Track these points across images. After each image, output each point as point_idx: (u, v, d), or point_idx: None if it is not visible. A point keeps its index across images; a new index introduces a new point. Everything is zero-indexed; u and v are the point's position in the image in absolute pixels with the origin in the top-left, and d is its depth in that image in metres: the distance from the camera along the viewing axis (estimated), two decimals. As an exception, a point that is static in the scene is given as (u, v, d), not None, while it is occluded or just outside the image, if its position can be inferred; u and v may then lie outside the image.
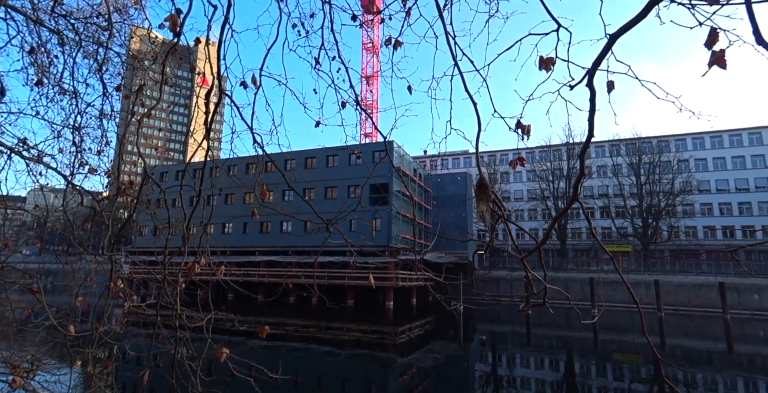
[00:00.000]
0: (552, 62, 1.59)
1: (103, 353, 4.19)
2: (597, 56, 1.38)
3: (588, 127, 1.46)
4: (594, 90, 1.40)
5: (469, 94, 1.72)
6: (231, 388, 2.97)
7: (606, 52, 1.36)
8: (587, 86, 1.41)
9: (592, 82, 1.40)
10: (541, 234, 59.18)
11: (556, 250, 53.87)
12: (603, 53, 1.37)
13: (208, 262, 2.84)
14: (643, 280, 37.65)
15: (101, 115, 4.89)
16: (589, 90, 1.40)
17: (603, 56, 1.37)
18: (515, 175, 63.24)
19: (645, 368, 16.29)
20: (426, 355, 18.43)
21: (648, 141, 53.54)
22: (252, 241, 42.07)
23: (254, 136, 2.30)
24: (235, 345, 17.26)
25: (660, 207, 47.78)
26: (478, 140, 1.69)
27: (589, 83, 1.40)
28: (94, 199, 4.35)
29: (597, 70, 1.39)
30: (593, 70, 1.39)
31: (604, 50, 1.36)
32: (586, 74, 1.40)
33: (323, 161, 41.71)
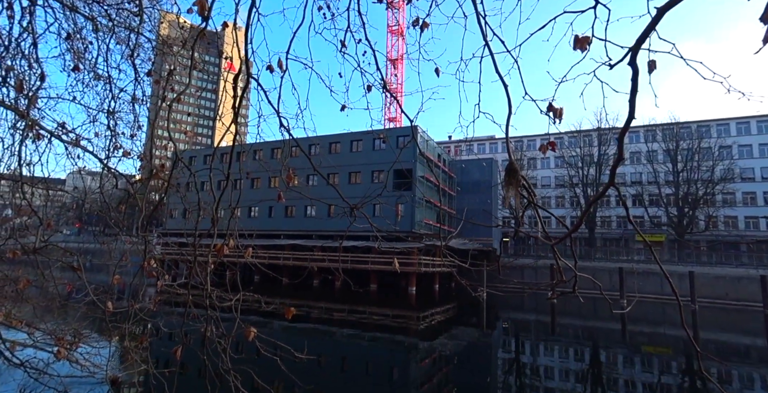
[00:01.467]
0: (588, 41, 1.49)
1: (138, 329, 4.42)
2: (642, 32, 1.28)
3: (629, 109, 1.38)
4: (637, 69, 1.31)
5: (500, 76, 1.64)
6: (258, 366, 3.08)
7: (653, 26, 1.26)
8: (629, 65, 1.32)
9: (635, 60, 1.31)
10: (569, 222, 57.87)
11: (584, 239, 52.55)
12: (649, 28, 1.27)
13: (237, 245, 2.91)
14: (676, 272, 36.33)
15: (133, 100, 5.03)
16: (632, 69, 1.31)
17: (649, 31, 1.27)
18: (543, 162, 61.56)
19: (676, 361, 15.88)
20: (448, 341, 18.58)
21: (687, 126, 50.81)
22: (277, 224, 43.01)
23: (281, 119, 2.31)
24: (261, 326, 17.82)
25: (698, 195, 45.51)
26: (508, 124, 1.62)
27: (632, 61, 1.31)
28: (128, 182, 4.52)
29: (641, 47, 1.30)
30: (637, 46, 1.30)
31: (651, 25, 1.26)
32: (629, 51, 1.30)
33: (347, 146, 41.80)
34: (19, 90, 4.39)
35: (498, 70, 1.63)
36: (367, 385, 11.49)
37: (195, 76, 3.47)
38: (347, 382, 11.56)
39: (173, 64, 5.08)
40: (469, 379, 12.61)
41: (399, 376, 13.15)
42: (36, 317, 4.49)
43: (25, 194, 4.43)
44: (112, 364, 4.60)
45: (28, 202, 4.41)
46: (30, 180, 4.64)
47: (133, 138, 5.10)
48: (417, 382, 12.32)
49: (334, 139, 42.35)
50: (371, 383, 11.85)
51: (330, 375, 12.40)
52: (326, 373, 12.68)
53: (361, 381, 11.80)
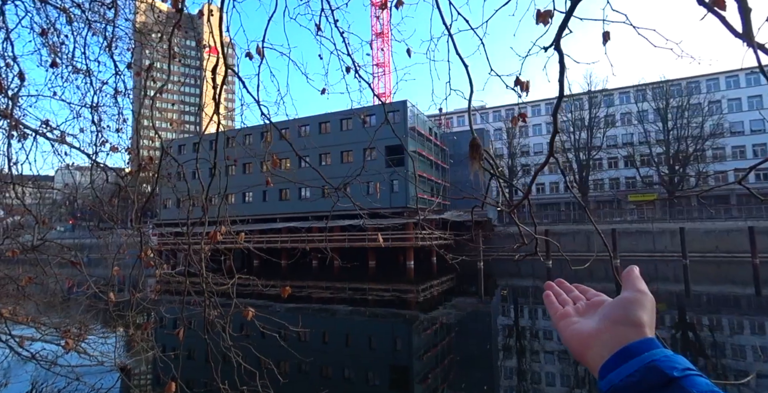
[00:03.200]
0: (550, 15, 1.53)
1: (141, 318, 4.57)
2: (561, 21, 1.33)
3: (558, 88, 1.44)
4: (562, 52, 1.37)
5: (459, 56, 1.69)
6: (260, 345, 3.23)
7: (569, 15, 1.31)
8: (555, 50, 1.37)
9: (559, 45, 1.36)
10: (562, 187, 58.42)
11: (576, 204, 53.32)
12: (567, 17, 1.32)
13: (229, 230, 3.00)
14: (668, 229, 37.23)
15: (116, 93, 4.97)
16: (558, 53, 1.37)
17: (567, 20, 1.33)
18: (534, 128, 61.45)
19: (669, 315, 16.54)
20: (449, 311, 19.14)
21: (677, 83, 50.52)
22: (272, 208, 43.10)
23: (261, 107, 2.34)
24: (262, 309, 17.92)
25: (688, 152, 45.91)
26: (470, 102, 1.67)
27: (556, 46, 1.36)
28: (118, 176, 4.54)
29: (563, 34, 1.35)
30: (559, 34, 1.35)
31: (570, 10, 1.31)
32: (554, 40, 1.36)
33: (337, 125, 41.41)
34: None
35: (458, 51, 1.68)
36: (372, 358, 11.94)
37: (177, 63, 3.45)
38: (351, 357, 11.99)
39: (152, 54, 4.99)
40: (471, 346, 13.11)
41: (402, 348, 13.64)
42: (40, 313, 4.61)
43: (17, 193, 4.45)
44: (120, 353, 4.77)
45: (20, 201, 4.44)
46: (19, 179, 4.65)
47: (120, 131, 5.08)
48: (420, 351, 12.80)
49: (323, 119, 41.88)
50: (375, 356, 12.30)
51: (334, 351, 12.84)
52: (330, 349, 13.11)
53: (365, 354, 12.25)
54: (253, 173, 43.26)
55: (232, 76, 3.03)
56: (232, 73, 2.84)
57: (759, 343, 12.68)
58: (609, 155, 53.87)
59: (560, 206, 56.97)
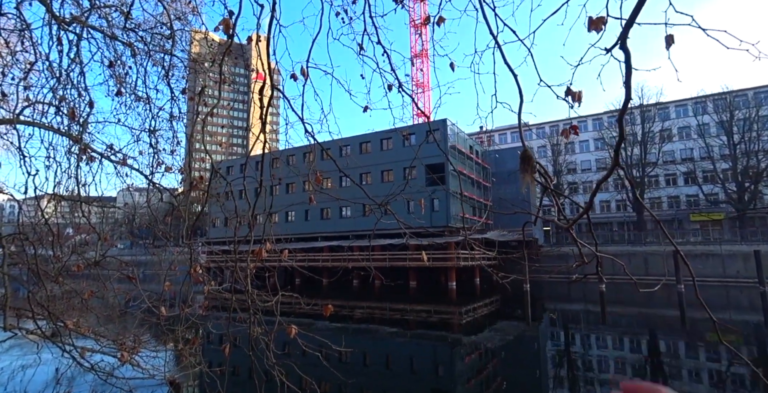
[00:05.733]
0: (603, 21, 1.45)
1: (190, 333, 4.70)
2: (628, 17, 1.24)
3: (625, 91, 1.33)
4: (628, 52, 1.27)
5: (509, 66, 1.63)
6: (302, 363, 3.20)
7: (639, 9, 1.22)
8: (621, 49, 1.28)
9: (625, 43, 1.26)
10: (614, 206, 55.29)
11: (632, 223, 50.05)
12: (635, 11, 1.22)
13: (273, 248, 3.04)
14: (740, 251, 33.87)
15: (171, 118, 5.35)
16: (624, 52, 1.27)
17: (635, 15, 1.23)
18: (581, 145, 59.10)
19: (746, 348, 14.82)
20: (493, 335, 18.31)
21: (742, 94, 46.97)
22: (314, 227, 43.96)
23: (305, 125, 2.39)
24: (304, 327, 18.15)
25: (760, 168, 41.96)
26: (521, 112, 1.60)
27: (622, 45, 1.27)
28: (171, 195, 4.80)
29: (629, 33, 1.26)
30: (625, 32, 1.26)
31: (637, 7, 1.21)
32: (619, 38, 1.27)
33: (377, 145, 42.06)
34: (71, 117, 4.77)
35: (506, 60, 1.62)
36: (413, 382, 11.55)
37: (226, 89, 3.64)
38: (393, 379, 11.67)
39: (205, 80, 5.34)
40: (518, 372, 12.38)
41: (445, 372, 13.12)
42: (100, 325, 4.88)
43: (84, 213, 4.81)
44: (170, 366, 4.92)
45: (86, 219, 4.80)
46: (86, 199, 5.05)
47: (173, 153, 5.42)
48: (464, 377, 12.25)
49: (364, 139, 42.71)
50: (417, 379, 11.90)
51: (375, 372, 12.57)
52: (371, 370, 12.86)
53: (406, 377, 11.89)
54: (296, 192, 44.56)
55: (278, 100, 3.15)
56: (278, 94, 2.95)
57: None
58: (666, 172, 50.53)
59: (612, 226, 53.71)
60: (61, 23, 4.39)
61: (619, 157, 1.52)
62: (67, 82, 4.93)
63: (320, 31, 2.39)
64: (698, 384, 11.30)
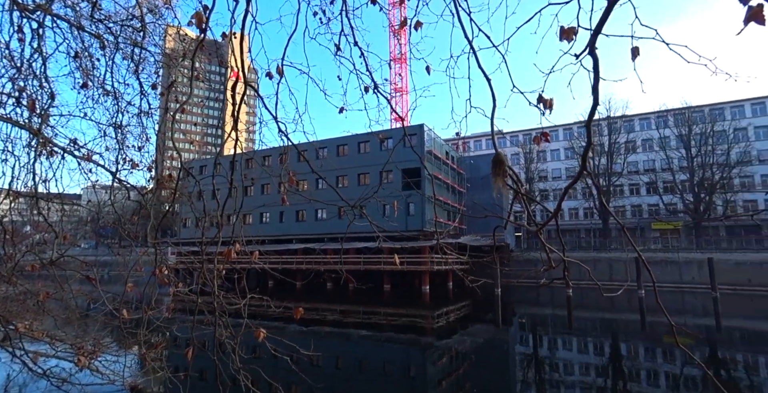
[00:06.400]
0: (574, 32, 1.50)
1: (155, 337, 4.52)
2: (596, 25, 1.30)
3: (593, 97, 1.39)
4: (597, 58, 1.32)
5: (482, 71, 1.66)
6: (272, 368, 3.13)
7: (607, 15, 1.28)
8: (590, 54, 1.33)
9: (593, 50, 1.32)
10: (581, 213, 57.20)
11: (598, 230, 51.93)
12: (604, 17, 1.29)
13: (244, 250, 2.97)
14: (695, 259, 35.67)
15: (140, 113, 5.16)
16: (592, 59, 1.33)
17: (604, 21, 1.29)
18: (553, 154, 61.01)
19: (699, 351, 15.57)
20: (464, 339, 18.52)
21: (699, 110, 49.84)
22: (289, 229, 43.38)
23: (278, 124, 2.36)
24: (275, 330, 17.84)
25: (714, 180, 44.59)
26: (493, 117, 1.64)
27: (591, 51, 1.33)
28: (139, 193, 4.62)
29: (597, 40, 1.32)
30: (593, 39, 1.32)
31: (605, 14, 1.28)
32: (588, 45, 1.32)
33: (355, 148, 42.00)
34: (31, 109, 4.53)
35: (480, 65, 1.66)
36: (385, 385, 11.52)
37: (201, 86, 3.57)
38: (365, 383, 11.61)
39: (176, 75, 5.19)
40: (488, 376, 12.55)
41: (417, 375, 13.15)
42: (57, 328, 4.63)
43: (42, 210, 4.56)
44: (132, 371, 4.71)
45: (44, 217, 4.55)
46: (46, 196, 4.79)
47: (141, 150, 5.23)
48: (435, 380, 12.31)
49: (341, 142, 42.56)
50: (389, 382, 11.88)
51: (347, 376, 12.47)
52: (343, 374, 12.74)
53: (378, 381, 11.84)
54: (271, 194, 43.86)
55: (254, 99, 3.10)
56: (253, 93, 2.90)
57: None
58: (630, 182, 52.81)
59: (580, 233, 55.58)
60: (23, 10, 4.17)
61: (587, 162, 1.57)
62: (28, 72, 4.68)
63: (296, 29, 2.37)
64: (655, 386, 11.78)
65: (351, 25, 2.44)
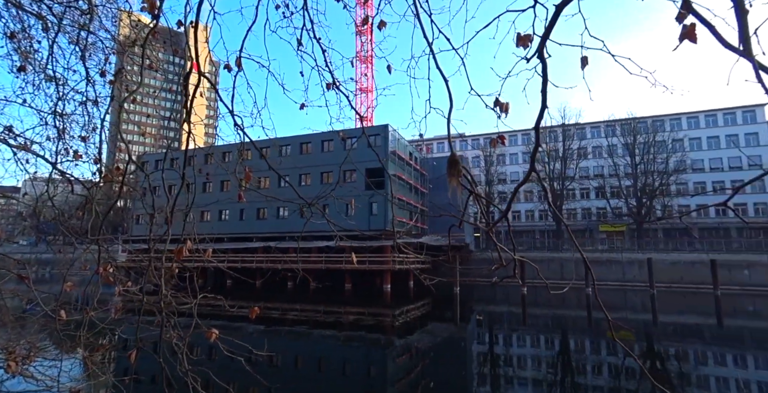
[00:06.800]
0: (530, 39, 1.57)
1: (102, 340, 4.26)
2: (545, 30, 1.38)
3: (541, 99, 1.47)
4: (545, 62, 1.40)
5: (440, 72, 1.70)
6: (228, 371, 3.04)
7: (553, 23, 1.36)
8: (538, 58, 1.41)
9: (542, 55, 1.40)
10: (537, 215, 59.67)
11: (551, 231, 54.43)
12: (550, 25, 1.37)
13: (197, 248, 2.86)
14: (636, 259, 38.22)
15: (86, 101, 4.82)
16: (541, 62, 1.40)
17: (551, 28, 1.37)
18: (511, 157, 63.26)
19: (637, 344, 16.70)
20: (423, 337, 18.81)
21: (643, 121, 53.58)
22: (249, 227, 42.21)
23: (234, 118, 2.28)
24: (233, 330, 17.53)
25: (654, 186, 48.17)
26: (450, 117, 1.68)
27: (540, 56, 1.40)
28: (84, 187, 4.33)
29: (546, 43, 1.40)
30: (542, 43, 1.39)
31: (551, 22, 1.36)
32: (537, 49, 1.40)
33: (318, 146, 41.51)
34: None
35: (438, 66, 1.70)
36: (345, 384, 11.49)
37: (158, 76, 3.40)
38: (324, 382, 11.52)
39: (125, 62, 4.91)
40: (446, 372, 12.83)
41: (376, 374, 13.21)
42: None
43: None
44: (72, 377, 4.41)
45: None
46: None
47: (86, 141, 4.89)
48: (394, 378, 12.42)
49: (305, 140, 41.92)
50: (349, 381, 11.86)
51: (306, 375, 12.32)
52: (302, 373, 12.58)
53: (338, 380, 11.79)
54: (231, 191, 42.50)
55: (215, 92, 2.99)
56: (210, 87, 2.80)
57: (722, 374, 12.90)
58: (581, 186, 55.79)
59: (535, 234, 58.06)
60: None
61: (535, 164, 1.65)
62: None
63: (256, 20, 2.31)
64: (599, 377, 12.54)
65: (311, 20, 2.41)
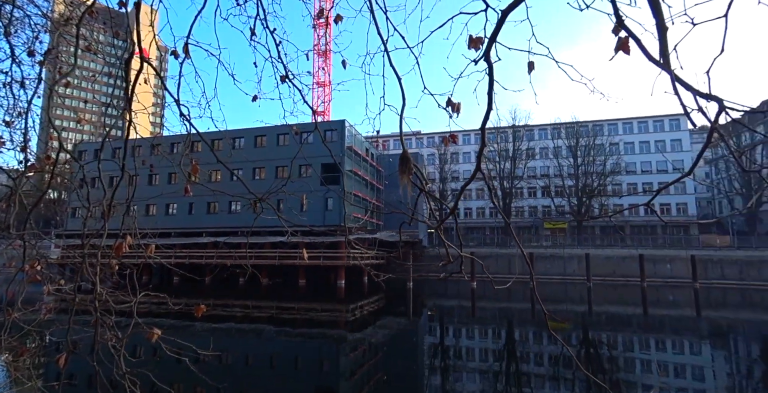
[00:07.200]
0: (481, 42, 1.63)
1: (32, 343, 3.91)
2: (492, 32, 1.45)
3: (487, 101, 1.54)
4: (491, 64, 1.47)
5: (393, 69, 1.73)
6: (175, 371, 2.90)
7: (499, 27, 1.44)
8: (485, 61, 1.48)
9: (489, 57, 1.47)
10: (488, 212, 61.98)
11: (500, 228, 56.82)
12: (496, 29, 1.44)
13: (138, 243, 2.70)
14: (576, 254, 40.89)
15: (11, 82, 4.37)
16: (487, 64, 1.47)
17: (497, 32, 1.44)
18: (465, 156, 65.14)
19: (575, 333, 17.91)
20: (377, 331, 18.99)
21: (585, 125, 57.27)
22: (199, 222, 40.32)
23: (180, 107, 2.17)
24: (180, 329, 16.76)
25: (593, 186, 51.89)
26: (403, 115, 1.71)
27: (486, 58, 1.47)
28: (9, 177, 3.93)
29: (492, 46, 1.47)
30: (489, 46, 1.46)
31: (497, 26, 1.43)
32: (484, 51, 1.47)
33: (274, 140, 40.36)
34: None
35: (392, 63, 1.72)
36: (297, 380, 11.36)
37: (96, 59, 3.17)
38: (276, 379, 11.32)
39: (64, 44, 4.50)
40: (398, 365, 13.05)
41: (329, 369, 13.18)
42: None
43: None
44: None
45: None
46: None
47: (11, 126, 4.43)
48: (347, 373, 12.46)
49: (260, 133, 40.57)
50: (301, 378, 11.74)
51: (257, 373, 12.06)
52: (253, 371, 12.30)
53: (290, 376, 11.63)
54: (179, 184, 40.20)
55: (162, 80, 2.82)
56: (153, 72, 2.64)
57: (646, 358, 14.22)
58: (529, 185, 58.70)
59: (485, 230, 60.36)
60: None
61: (482, 162, 1.72)
62: None
63: (205, 5, 2.20)
64: (540, 365, 13.34)
65: (263, 9, 2.33)
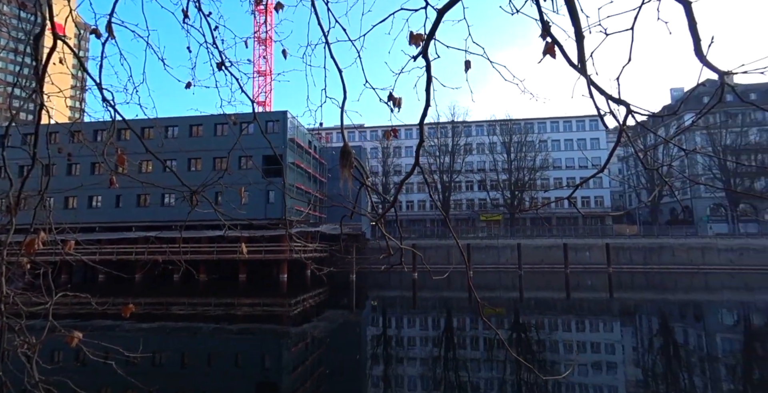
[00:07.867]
0: (421, 38, 1.68)
1: None
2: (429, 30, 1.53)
3: (425, 97, 1.61)
4: (429, 61, 1.55)
5: (334, 61, 1.74)
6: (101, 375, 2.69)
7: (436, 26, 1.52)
8: (423, 58, 1.55)
9: (426, 54, 1.54)
10: (428, 205, 63.81)
11: (440, 220, 58.86)
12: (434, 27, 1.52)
13: (55, 239, 2.46)
14: (509, 244, 43.63)
15: None
16: (425, 61, 1.54)
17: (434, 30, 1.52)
18: (407, 150, 66.33)
19: (507, 318, 19.16)
20: (320, 324, 18.91)
21: (518, 123, 60.84)
22: (128, 215, 37.18)
23: (103, 92, 1.99)
24: (106, 331, 15.50)
25: (524, 181, 55.56)
26: (344, 108, 1.72)
27: (424, 55, 1.54)
28: None
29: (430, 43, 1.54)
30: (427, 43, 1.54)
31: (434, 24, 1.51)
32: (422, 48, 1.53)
33: (211, 130, 38.11)
34: None
35: (332, 55, 1.72)
36: (238, 377, 11.01)
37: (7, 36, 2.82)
38: (215, 377, 10.87)
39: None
40: (341, 357, 13.12)
41: (271, 364, 12.93)
42: None
43: None
44: None
45: None
46: None
47: None
48: (289, 367, 12.30)
49: (195, 122, 38.08)
50: (242, 375, 11.40)
51: (194, 372, 11.52)
52: (190, 370, 11.74)
53: (230, 374, 11.24)
54: (104, 174, 36.66)
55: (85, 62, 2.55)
56: (69, 51, 2.39)
57: (567, 339, 15.67)
58: (467, 179, 61.33)
59: (426, 223, 62.26)
60: None
61: (420, 157, 1.78)
62: None
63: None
64: (476, 349, 14.14)
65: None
